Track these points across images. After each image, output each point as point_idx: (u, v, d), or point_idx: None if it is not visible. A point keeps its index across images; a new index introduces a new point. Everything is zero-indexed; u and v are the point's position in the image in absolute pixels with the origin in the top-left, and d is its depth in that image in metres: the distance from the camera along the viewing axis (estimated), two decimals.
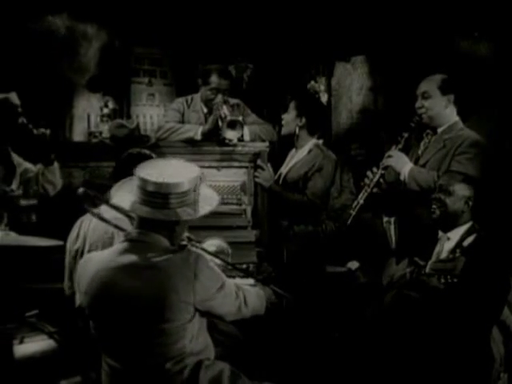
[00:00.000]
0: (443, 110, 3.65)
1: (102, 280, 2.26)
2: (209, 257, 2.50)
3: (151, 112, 5.19)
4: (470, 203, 3.20)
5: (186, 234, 2.54)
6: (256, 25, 5.40)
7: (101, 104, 4.68)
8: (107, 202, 2.44)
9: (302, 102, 4.28)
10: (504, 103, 4.61)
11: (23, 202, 3.32)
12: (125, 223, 2.52)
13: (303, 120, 4.14)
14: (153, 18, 5.13)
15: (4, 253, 2.86)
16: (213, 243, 2.88)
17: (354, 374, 3.04)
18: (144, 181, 2.24)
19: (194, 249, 2.39)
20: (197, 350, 2.29)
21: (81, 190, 2.51)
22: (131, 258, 2.25)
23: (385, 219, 4.12)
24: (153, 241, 2.29)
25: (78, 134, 4.90)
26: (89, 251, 2.99)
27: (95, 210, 2.61)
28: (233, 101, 4.34)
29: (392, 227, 4.07)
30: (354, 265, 3.95)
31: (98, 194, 2.52)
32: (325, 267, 3.86)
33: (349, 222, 3.66)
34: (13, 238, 2.81)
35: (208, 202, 2.38)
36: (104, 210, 2.71)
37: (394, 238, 4.07)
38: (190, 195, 2.28)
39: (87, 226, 3.09)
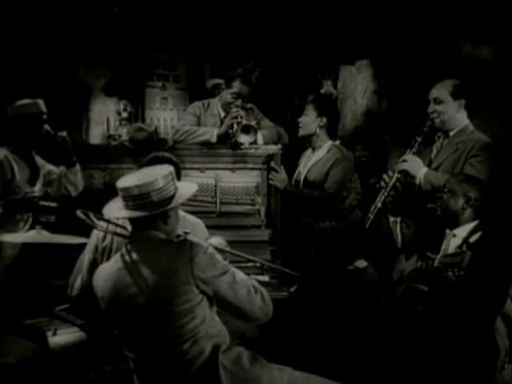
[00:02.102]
0: (455, 115, 3.73)
1: (111, 282, 2.51)
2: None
3: (164, 115, 5.26)
4: (471, 202, 3.29)
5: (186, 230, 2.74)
6: (264, 29, 5.49)
7: (117, 107, 4.82)
8: (101, 218, 2.75)
9: (322, 102, 4.39)
10: (506, 105, 4.66)
11: (43, 203, 3.40)
12: None
13: (324, 120, 4.24)
14: (166, 24, 5.21)
15: (36, 250, 3.02)
16: (211, 242, 2.97)
17: (367, 363, 3.18)
18: (126, 189, 2.49)
19: (191, 238, 2.54)
20: (211, 333, 2.45)
21: (78, 212, 2.77)
22: (134, 255, 2.50)
23: (391, 219, 4.16)
24: (151, 236, 2.52)
25: (95, 137, 4.98)
26: (116, 249, 3.12)
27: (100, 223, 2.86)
28: (247, 105, 4.42)
29: (398, 227, 4.12)
30: (361, 263, 4.00)
31: (93, 213, 2.83)
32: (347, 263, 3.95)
33: (367, 225, 3.77)
34: (44, 236, 2.93)
35: (186, 190, 2.63)
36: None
37: (399, 237, 4.12)
38: (168, 189, 2.51)
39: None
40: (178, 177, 3.03)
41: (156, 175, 2.52)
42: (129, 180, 2.54)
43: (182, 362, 2.41)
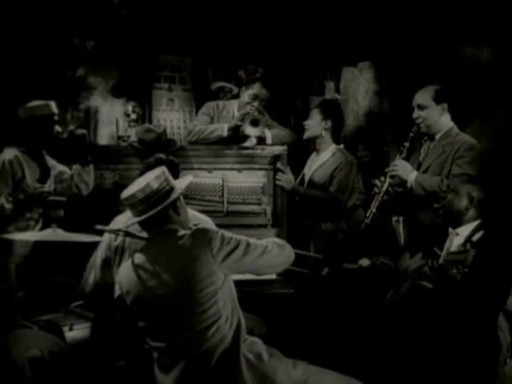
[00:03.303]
0: (439, 118, 3.87)
1: (135, 277, 2.61)
2: None
3: (171, 117, 5.28)
4: (474, 202, 3.39)
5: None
6: (267, 31, 5.49)
7: (124, 109, 4.88)
8: (119, 231, 2.86)
9: (327, 106, 4.50)
10: (506, 107, 4.77)
11: (52, 198, 3.46)
12: None
13: (329, 122, 4.35)
14: (173, 27, 5.23)
15: (52, 248, 3.09)
16: None
17: (373, 358, 3.25)
18: (132, 195, 2.61)
19: (198, 225, 2.70)
20: (231, 319, 2.56)
21: (98, 226, 2.85)
22: (154, 249, 2.64)
23: (394, 218, 4.28)
24: (169, 229, 2.64)
25: (103, 138, 5.00)
26: (128, 247, 3.22)
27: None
28: (262, 108, 4.51)
29: (400, 226, 4.23)
30: (364, 262, 4.06)
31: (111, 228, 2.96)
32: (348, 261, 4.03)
33: (363, 228, 3.88)
34: (59, 235, 3.00)
35: (184, 181, 2.81)
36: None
37: (402, 236, 4.23)
38: (169, 183, 2.66)
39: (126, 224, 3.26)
40: (177, 176, 3.19)
41: (149, 178, 2.64)
42: (130, 189, 2.66)
43: (204, 350, 2.50)
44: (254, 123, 4.21)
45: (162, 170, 2.71)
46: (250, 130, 4.21)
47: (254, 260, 2.62)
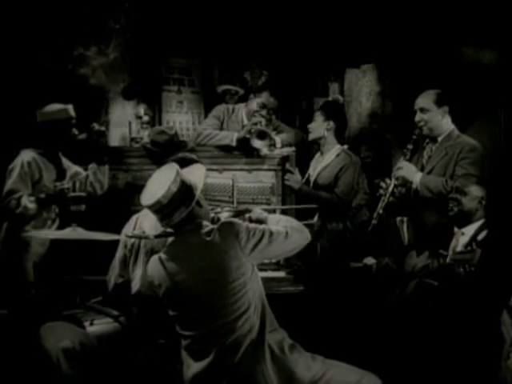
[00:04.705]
0: (440, 121, 3.96)
1: (166, 270, 2.70)
2: None
3: (180, 118, 5.39)
4: (483, 202, 3.52)
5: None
6: (271, 34, 5.60)
7: (135, 111, 4.96)
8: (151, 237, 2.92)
9: (329, 107, 4.54)
10: (508, 108, 4.83)
11: (72, 194, 3.53)
12: None
13: (331, 123, 4.39)
14: (182, 31, 5.34)
15: (72, 246, 3.20)
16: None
17: (381, 352, 3.36)
18: (157, 202, 2.67)
19: (225, 218, 2.83)
20: (259, 309, 2.64)
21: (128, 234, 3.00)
22: (184, 245, 2.72)
23: (398, 218, 4.32)
24: (197, 224, 2.71)
25: (114, 139, 5.11)
26: (144, 246, 3.28)
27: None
28: (271, 117, 4.57)
29: (404, 226, 4.28)
30: (369, 261, 4.13)
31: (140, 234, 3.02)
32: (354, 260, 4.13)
33: (370, 228, 3.95)
34: (80, 233, 3.11)
35: (197, 175, 2.84)
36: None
37: (406, 236, 4.27)
38: (183, 187, 2.70)
39: (142, 222, 3.29)
40: None
41: (169, 178, 2.69)
42: (150, 196, 2.71)
43: (234, 339, 2.59)
44: (261, 136, 4.25)
45: (175, 170, 2.74)
46: (257, 143, 4.24)
47: (277, 247, 2.71)
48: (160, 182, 2.72)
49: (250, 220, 2.93)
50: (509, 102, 4.83)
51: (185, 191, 2.70)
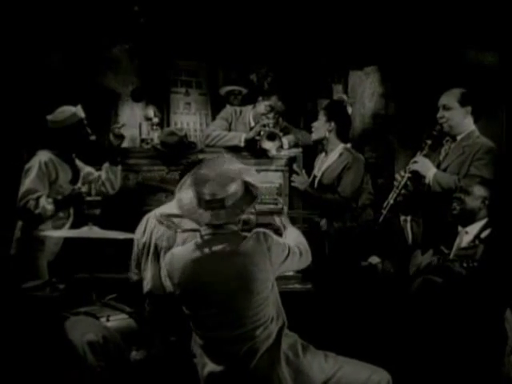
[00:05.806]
0: (462, 120, 3.94)
1: (189, 270, 2.63)
2: None
3: (188, 119, 5.46)
4: (486, 202, 3.58)
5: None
6: (277, 36, 5.69)
7: (144, 112, 5.04)
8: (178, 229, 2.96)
9: (331, 107, 4.56)
10: (511, 109, 4.87)
11: (89, 198, 3.56)
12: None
13: (332, 124, 4.39)
14: (189, 33, 5.42)
15: (88, 245, 3.28)
16: None
17: (389, 349, 3.43)
18: (216, 201, 2.60)
19: (258, 229, 2.68)
20: (278, 315, 2.66)
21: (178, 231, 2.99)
22: (215, 248, 2.62)
23: (402, 218, 4.39)
24: (227, 231, 2.66)
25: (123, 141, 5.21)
26: (155, 245, 3.39)
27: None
28: (278, 120, 4.61)
29: (408, 225, 4.36)
30: (374, 260, 4.19)
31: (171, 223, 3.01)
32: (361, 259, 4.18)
33: (381, 219, 3.97)
34: (96, 232, 3.17)
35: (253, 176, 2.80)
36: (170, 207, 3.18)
37: (410, 235, 4.36)
38: (237, 192, 2.66)
39: (153, 222, 3.42)
40: None
41: (232, 182, 2.63)
42: (211, 190, 2.61)
43: (251, 345, 2.57)
44: (271, 137, 4.30)
45: (237, 168, 2.69)
46: (267, 145, 4.29)
47: (289, 265, 2.72)
48: (226, 177, 2.62)
49: (275, 230, 2.90)
50: (510, 104, 4.86)
51: (249, 194, 2.67)
